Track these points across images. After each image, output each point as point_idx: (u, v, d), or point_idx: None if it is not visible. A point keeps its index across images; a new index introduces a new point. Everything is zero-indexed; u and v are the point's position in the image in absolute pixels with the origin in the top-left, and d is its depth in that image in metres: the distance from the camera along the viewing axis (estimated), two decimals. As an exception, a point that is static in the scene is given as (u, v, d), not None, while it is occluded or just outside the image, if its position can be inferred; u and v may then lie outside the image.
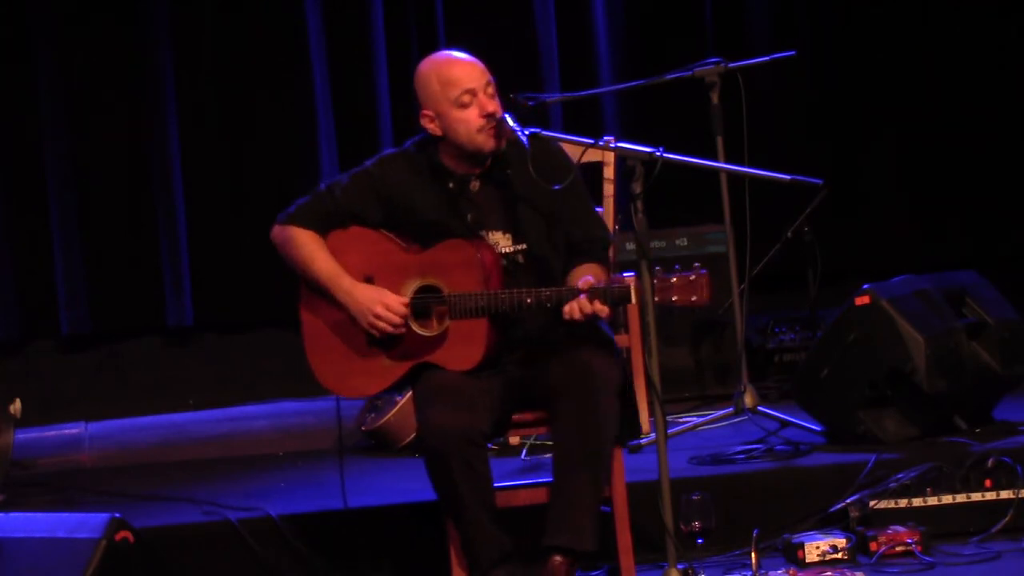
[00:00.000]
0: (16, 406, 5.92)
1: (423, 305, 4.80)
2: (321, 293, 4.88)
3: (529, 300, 4.68)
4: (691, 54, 6.53)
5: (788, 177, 4.85)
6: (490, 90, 4.80)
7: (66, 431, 7.35)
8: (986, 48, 8.01)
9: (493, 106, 4.78)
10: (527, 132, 4.80)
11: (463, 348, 4.75)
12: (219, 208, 7.82)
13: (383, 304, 4.77)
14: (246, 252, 7.76)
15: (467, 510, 4.67)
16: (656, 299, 4.60)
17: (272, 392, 7.76)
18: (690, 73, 6.18)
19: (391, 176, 4.90)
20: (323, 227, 4.89)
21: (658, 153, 4.64)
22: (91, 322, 7.75)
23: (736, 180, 6.27)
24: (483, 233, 4.86)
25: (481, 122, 4.77)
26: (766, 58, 6.32)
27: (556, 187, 4.76)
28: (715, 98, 6.15)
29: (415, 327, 4.80)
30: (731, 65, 6.15)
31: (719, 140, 6.18)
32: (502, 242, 4.87)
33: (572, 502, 4.66)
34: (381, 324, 4.77)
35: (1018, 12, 7.97)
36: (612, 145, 4.79)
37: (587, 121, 7.59)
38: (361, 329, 4.82)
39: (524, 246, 4.86)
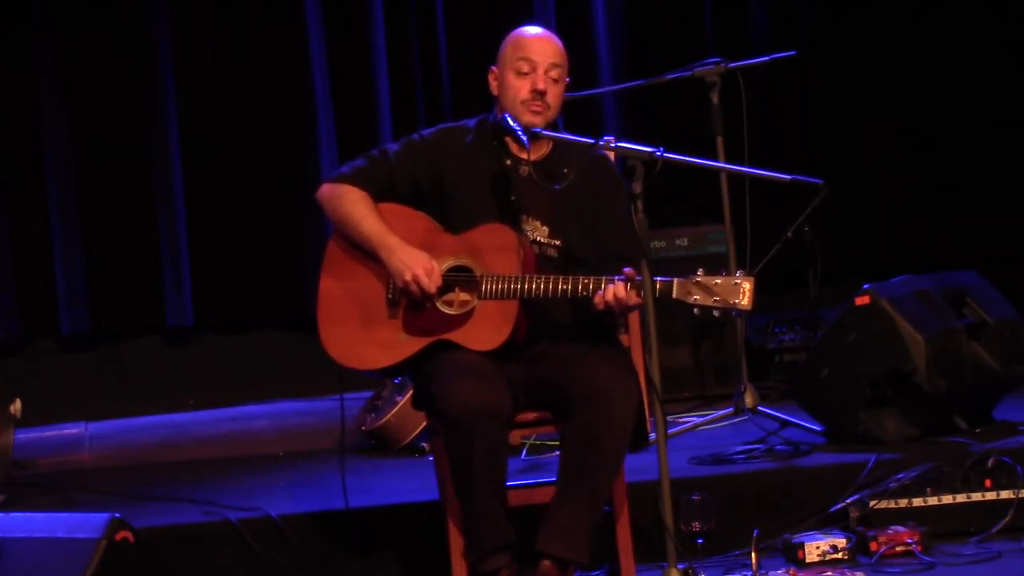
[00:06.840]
0: (16, 406, 5.91)
1: (448, 284, 4.77)
2: (350, 259, 4.84)
3: (565, 286, 4.66)
4: (691, 54, 6.54)
5: (788, 177, 4.85)
6: (553, 73, 4.86)
7: (66, 431, 7.35)
8: (985, 47, 8.02)
9: (545, 85, 4.84)
10: (528, 133, 4.80)
11: (489, 328, 4.70)
12: (219, 208, 7.82)
13: (425, 268, 4.73)
14: (246, 252, 7.77)
15: (479, 490, 4.60)
16: (696, 299, 4.57)
17: (272, 392, 7.76)
18: (690, 73, 6.19)
19: (445, 145, 4.93)
20: (376, 190, 4.87)
21: (658, 153, 4.63)
22: (91, 322, 7.75)
23: (736, 180, 6.28)
24: (522, 217, 4.85)
25: (527, 96, 4.84)
26: (766, 58, 6.32)
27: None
28: (715, 98, 6.16)
29: (439, 304, 4.76)
30: (731, 65, 6.16)
31: (719, 140, 6.19)
32: (538, 232, 4.86)
33: (572, 512, 4.62)
34: (416, 288, 4.72)
35: (1015, 11, 7.98)
36: (612, 145, 4.78)
37: (587, 121, 7.58)
38: (383, 301, 4.79)
39: (559, 242, 4.85)
